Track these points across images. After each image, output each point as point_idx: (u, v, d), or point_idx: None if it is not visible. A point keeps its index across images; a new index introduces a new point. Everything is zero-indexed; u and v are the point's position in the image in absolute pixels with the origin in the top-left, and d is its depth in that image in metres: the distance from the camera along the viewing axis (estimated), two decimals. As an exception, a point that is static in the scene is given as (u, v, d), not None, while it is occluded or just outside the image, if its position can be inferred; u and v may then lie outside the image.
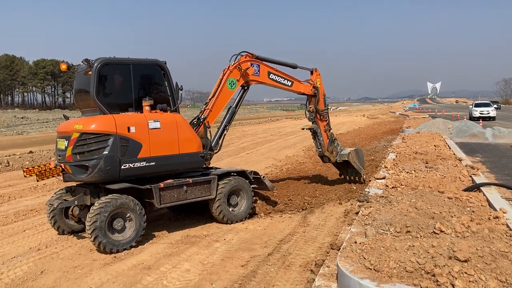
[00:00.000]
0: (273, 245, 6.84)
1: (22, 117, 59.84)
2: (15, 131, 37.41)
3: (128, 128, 6.99)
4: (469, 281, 3.82)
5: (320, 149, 10.72)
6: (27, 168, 7.17)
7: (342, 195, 10.02)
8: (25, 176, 7.30)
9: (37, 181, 7.23)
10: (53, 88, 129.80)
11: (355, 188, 10.57)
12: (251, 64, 9.23)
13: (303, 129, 11.11)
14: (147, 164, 7.19)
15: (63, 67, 7.93)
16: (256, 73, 9.36)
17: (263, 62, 9.51)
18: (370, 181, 10.53)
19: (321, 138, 10.65)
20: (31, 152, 19.16)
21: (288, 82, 10.00)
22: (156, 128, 7.28)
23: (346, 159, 10.62)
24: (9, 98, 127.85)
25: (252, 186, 8.69)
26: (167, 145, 7.45)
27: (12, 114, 66.82)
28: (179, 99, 7.80)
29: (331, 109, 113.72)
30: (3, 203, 10.67)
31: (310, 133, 10.84)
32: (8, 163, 16.53)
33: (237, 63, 9.02)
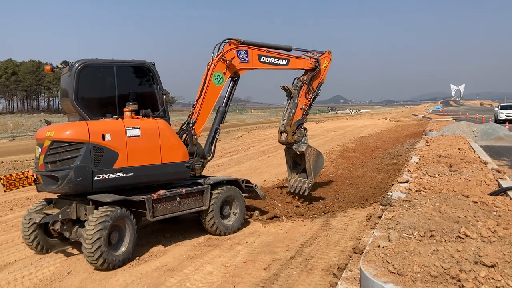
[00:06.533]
0: (295, 249, 6.85)
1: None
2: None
3: (103, 136, 6.38)
4: (496, 287, 3.75)
5: (284, 121, 9.63)
6: (5, 179, 6.46)
7: (365, 199, 9.95)
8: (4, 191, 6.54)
9: (5, 191, 6.54)
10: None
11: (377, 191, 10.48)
12: (238, 52, 8.41)
13: (282, 86, 9.75)
14: (124, 175, 6.57)
15: (47, 68, 7.33)
16: (245, 60, 8.52)
17: (251, 46, 8.69)
18: (393, 184, 10.43)
19: (293, 110, 9.60)
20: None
21: (284, 61, 9.20)
22: (135, 136, 6.67)
23: (303, 151, 9.46)
24: (35, 103, 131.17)
25: (244, 194, 8.26)
26: (147, 154, 6.84)
27: (38, 119, 68.33)
28: (163, 104, 7.20)
29: (352, 112, 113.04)
30: (30, 205, 10.93)
31: (286, 97, 9.76)
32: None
33: (220, 54, 8.17)
